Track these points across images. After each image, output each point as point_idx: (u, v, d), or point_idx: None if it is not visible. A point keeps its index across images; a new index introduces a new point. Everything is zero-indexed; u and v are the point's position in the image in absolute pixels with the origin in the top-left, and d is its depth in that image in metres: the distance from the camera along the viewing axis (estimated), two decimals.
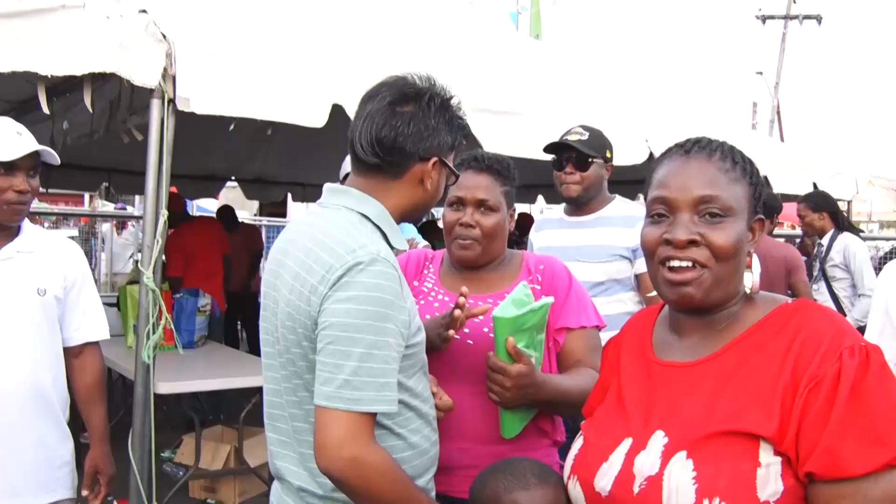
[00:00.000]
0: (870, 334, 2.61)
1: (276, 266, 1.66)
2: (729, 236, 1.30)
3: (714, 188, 1.31)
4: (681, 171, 1.34)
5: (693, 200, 1.31)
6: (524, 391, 1.83)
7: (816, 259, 5.61)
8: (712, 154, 1.34)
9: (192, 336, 5.28)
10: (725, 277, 1.32)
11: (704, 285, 1.31)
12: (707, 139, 1.38)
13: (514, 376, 1.79)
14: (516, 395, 1.83)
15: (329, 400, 1.48)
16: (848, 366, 1.18)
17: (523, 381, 1.81)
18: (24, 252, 2.46)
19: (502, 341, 1.80)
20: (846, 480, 1.15)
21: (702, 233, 1.30)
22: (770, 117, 23.53)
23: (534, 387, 1.84)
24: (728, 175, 1.33)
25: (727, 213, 1.31)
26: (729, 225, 1.30)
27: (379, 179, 1.67)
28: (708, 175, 1.32)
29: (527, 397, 1.85)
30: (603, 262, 3.12)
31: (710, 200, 1.30)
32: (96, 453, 2.61)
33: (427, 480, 1.70)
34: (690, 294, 1.31)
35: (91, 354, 2.65)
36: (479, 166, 2.05)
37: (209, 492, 4.91)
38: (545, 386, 1.88)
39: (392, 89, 1.66)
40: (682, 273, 1.31)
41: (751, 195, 1.34)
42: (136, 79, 3.03)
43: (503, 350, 1.81)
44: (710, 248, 1.30)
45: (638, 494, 1.26)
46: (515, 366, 1.80)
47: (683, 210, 1.32)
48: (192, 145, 5.87)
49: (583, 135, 3.21)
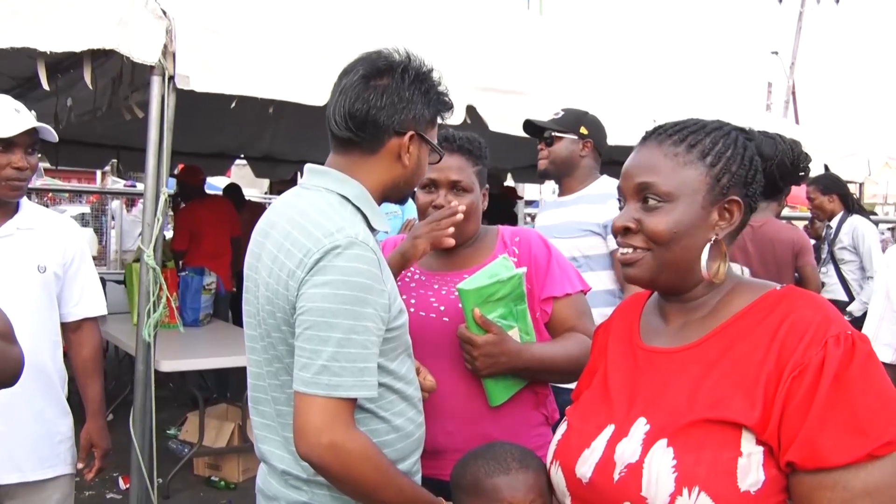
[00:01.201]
0: (870, 318, 2.58)
1: (257, 248, 1.65)
2: (664, 222, 1.29)
3: (651, 175, 1.32)
4: (632, 160, 1.38)
5: (633, 187, 1.34)
6: (495, 359, 1.88)
7: (825, 242, 5.56)
8: (665, 140, 1.34)
9: (198, 314, 5.30)
10: (672, 261, 1.31)
11: (646, 266, 1.32)
12: (674, 123, 1.37)
13: (482, 345, 1.85)
14: (486, 363, 1.87)
15: (307, 386, 1.46)
16: (832, 354, 1.15)
17: (491, 350, 1.86)
18: (24, 229, 2.47)
19: (469, 313, 1.86)
20: (827, 470, 1.13)
21: (639, 218, 1.32)
22: (785, 98, 23.33)
23: (506, 355, 1.88)
24: (677, 159, 1.31)
25: (666, 199, 1.30)
26: (668, 210, 1.30)
27: (355, 156, 1.64)
28: (651, 161, 1.33)
29: (501, 366, 1.89)
30: (572, 237, 3.11)
31: (647, 188, 1.32)
32: (92, 426, 2.64)
33: (412, 463, 1.69)
34: (634, 274, 1.34)
35: (89, 329, 2.67)
36: (450, 147, 2.03)
37: (213, 469, 4.95)
38: (522, 354, 1.91)
39: (366, 63, 1.63)
40: (626, 255, 1.35)
41: (710, 177, 1.31)
42: (136, 55, 3.01)
43: (472, 321, 1.86)
44: (645, 234, 1.31)
45: (618, 482, 1.24)
46: (483, 336, 1.85)
47: (629, 198, 1.36)
48: (200, 123, 5.87)
49: (558, 114, 3.27)
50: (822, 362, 1.15)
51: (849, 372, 1.14)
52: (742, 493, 1.16)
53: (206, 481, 4.89)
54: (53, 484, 2.51)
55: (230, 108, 3.49)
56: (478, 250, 2.09)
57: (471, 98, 3.93)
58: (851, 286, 5.36)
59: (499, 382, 1.94)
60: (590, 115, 3.32)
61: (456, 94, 3.88)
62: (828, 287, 5.37)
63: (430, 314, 1.98)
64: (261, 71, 3.34)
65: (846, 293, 5.39)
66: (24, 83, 4.47)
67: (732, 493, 1.16)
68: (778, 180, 1.39)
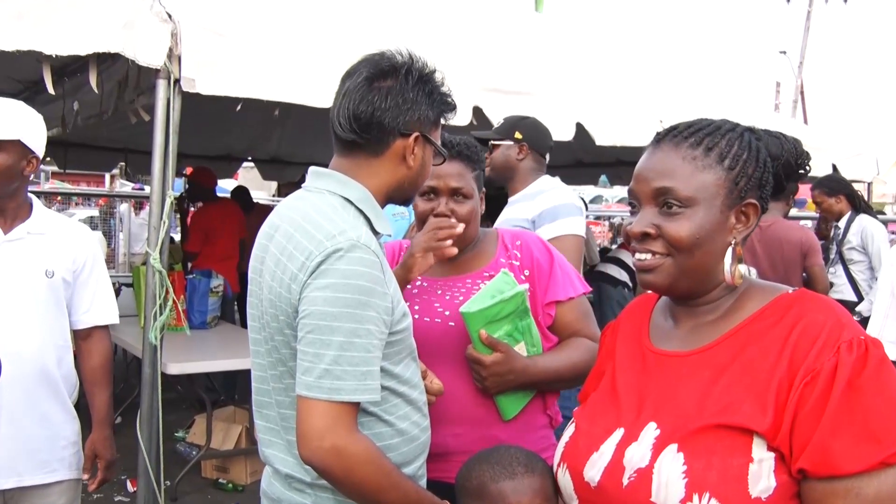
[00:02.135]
0: (875, 316, 2.57)
1: (261, 252, 1.64)
2: (686, 227, 1.27)
3: (671, 179, 1.28)
4: (646, 162, 1.33)
5: (651, 192, 1.30)
6: (503, 378, 1.90)
7: (833, 242, 5.53)
8: (681, 142, 1.31)
9: (205, 317, 5.31)
10: (692, 267, 1.29)
11: (666, 272, 1.30)
12: (688, 124, 1.34)
13: (489, 365, 1.87)
14: (495, 382, 1.89)
15: (310, 390, 1.46)
16: (845, 360, 1.14)
17: (500, 370, 1.88)
18: (35, 234, 2.47)
19: (475, 334, 1.87)
20: (839, 478, 1.12)
21: (658, 224, 1.29)
22: (794, 97, 23.23)
23: (514, 373, 1.90)
24: (695, 163, 1.28)
25: (686, 204, 1.27)
26: (688, 215, 1.27)
27: (360, 158, 1.63)
28: (669, 165, 1.29)
29: (510, 383, 1.91)
30: None
31: (667, 192, 1.28)
32: (97, 437, 2.60)
33: (418, 467, 1.68)
34: (653, 281, 1.32)
35: (99, 338, 2.64)
36: (449, 153, 2.01)
37: (221, 471, 4.94)
38: (529, 370, 1.93)
39: (369, 65, 1.62)
40: (644, 261, 1.31)
41: (729, 181, 1.28)
42: (142, 59, 3.02)
43: (479, 342, 1.87)
44: (666, 240, 1.28)
45: (627, 486, 1.23)
46: (490, 356, 1.87)
47: (645, 202, 1.32)
48: (207, 125, 5.88)
49: (499, 123, 3.45)
50: (835, 368, 1.14)
51: (862, 378, 1.13)
52: (753, 500, 1.15)
53: (213, 483, 4.89)
54: (57, 489, 2.49)
55: (235, 111, 3.49)
56: (479, 254, 2.09)
57: (477, 99, 3.93)
58: (860, 286, 5.33)
59: (509, 397, 1.95)
60: (528, 119, 3.44)
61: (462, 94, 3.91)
62: (836, 287, 5.35)
63: (436, 319, 1.97)
64: (266, 73, 3.34)
65: (855, 293, 5.36)
66: (31, 86, 4.49)
67: (743, 499, 1.15)
68: (783, 179, 1.37)
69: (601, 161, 7.89)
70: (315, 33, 3.66)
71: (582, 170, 8.51)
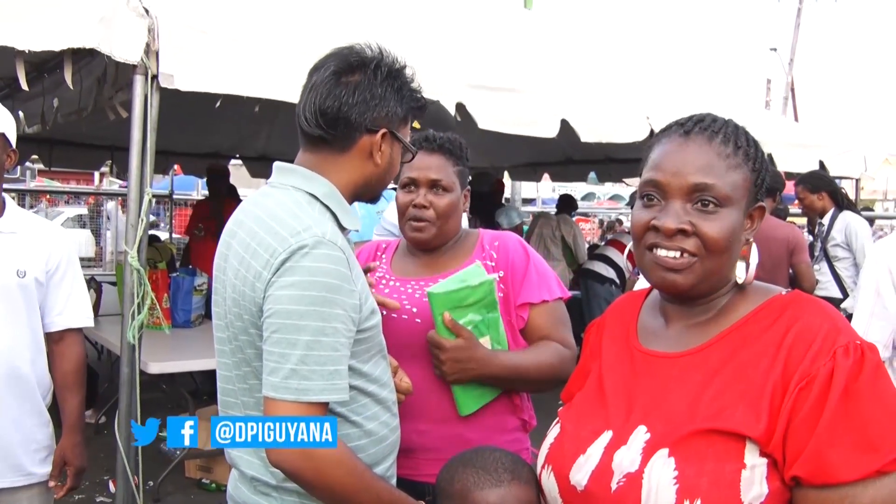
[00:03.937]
0: (859, 315, 2.53)
1: (225, 249, 1.60)
2: (722, 228, 1.21)
3: (710, 175, 1.21)
4: (677, 154, 1.25)
5: (687, 187, 1.22)
6: (463, 365, 1.84)
7: (818, 239, 5.53)
8: (713, 137, 1.24)
9: (189, 315, 5.26)
10: (715, 269, 1.24)
11: (693, 274, 1.23)
12: (711, 118, 1.28)
13: (450, 349, 1.83)
14: (454, 368, 1.85)
15: (276, 391, 1.42)
16: (842, 365, 1.10)
17: (460, 355, 1.83)
18: (6, 232, 2.42)
19: (439, 317, 1.84)
20: (834, 486, 1.09)
21: (693, 222, 1.22)
22: (784, 94, 23.28)
23: (474, 361, 1.85)
24: (727, 161, 1.23)
25: (722, 203, 1.22)
26: (723, 215, 1.22)
27: (326, 154, 1.59)
28: (705, 160, 1.22)
29: (470, 372, 1.86)
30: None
31: (705, 189, 1.21)
32: (66, 443, 2.51)
33: (387, 468, 1.65)
34: (677, 281, 1.24)
35: (72, 341, 2.58)
36: (430, 146, 2.01)
37: (205, 472, 4.90)
38: (492, 361, 1.88)
39: (337, 59, 1.58)
40: (674, 259, 1.23)
41: (751, 182, 1.25)
42: (118, 54, 2.97)
43: (441, 326, 1.84)
44: (701, 239, 1.22)
45: (615, 491, 1.19)
46: (452, 340, 1.83)
47: (676, 196, 1.23)
48: (194, 123, 5.83)
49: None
50: (831, 374, 1.11)
51: (858, 384, 1.10)
52: None
53: (197, 483, 4.85)
54: (27, 492, 2.45)
55: (222, 108, 3.44)
56: (455, 254, 2.06)
57: (461, 95, 3.89)
58: (845, 283, 5.33)
59: (468, 391, 1.90)
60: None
61: (446, 91, 3.87)
62: (822, 284, 5.34)
63: (402, 315, 1.94)
64: (247, 69, 3.30)
65: (840, 290, 5.35)
66: (11, 83, 4.43)
67: None
68: None
69: (591, 158, 7.88)
70: (296, 29, 3.62)
71: (571, 167, 8.50)
